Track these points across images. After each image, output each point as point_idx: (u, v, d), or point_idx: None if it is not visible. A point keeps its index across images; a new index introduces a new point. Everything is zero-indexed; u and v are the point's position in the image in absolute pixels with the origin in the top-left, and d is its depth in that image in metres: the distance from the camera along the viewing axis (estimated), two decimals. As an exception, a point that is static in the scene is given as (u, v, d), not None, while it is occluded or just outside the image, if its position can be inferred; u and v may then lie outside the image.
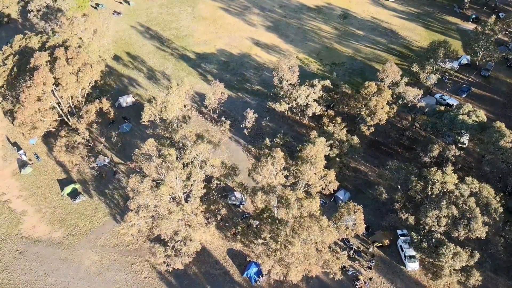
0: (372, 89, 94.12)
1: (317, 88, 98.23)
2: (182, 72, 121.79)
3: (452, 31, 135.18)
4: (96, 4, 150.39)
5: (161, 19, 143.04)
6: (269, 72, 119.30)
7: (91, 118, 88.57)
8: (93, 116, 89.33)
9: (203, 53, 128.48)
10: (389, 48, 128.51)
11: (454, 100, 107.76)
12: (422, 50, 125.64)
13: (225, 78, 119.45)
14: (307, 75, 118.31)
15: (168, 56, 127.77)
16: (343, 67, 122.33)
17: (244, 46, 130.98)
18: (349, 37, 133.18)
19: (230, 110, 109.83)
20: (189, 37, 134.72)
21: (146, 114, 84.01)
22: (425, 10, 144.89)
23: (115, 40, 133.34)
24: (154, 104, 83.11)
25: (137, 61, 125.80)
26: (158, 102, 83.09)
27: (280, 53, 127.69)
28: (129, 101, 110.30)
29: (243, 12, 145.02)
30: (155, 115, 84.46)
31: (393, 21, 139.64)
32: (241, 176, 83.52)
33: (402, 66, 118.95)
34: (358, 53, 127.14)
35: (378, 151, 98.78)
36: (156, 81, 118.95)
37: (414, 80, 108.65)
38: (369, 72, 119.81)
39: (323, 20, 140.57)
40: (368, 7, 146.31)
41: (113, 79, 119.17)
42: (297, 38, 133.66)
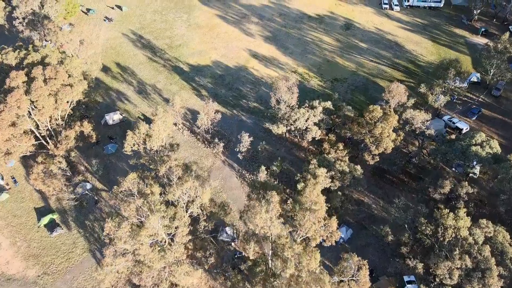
0: (377, 113, 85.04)
1: (318, 111, 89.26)
2: (174, 86, 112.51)
3: (460, 45, 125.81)
4: (87, 9, 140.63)
5: (155, 26, 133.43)
6: (267, 88, 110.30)
7: (70, 145, 79.30)
8: (72, 143, 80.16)
9: (198, 65, 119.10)
10: (394, 63, 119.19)
11: (463, 124, 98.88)
12: (429, 65, 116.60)
13: (220, 93, 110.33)
14: (307, 91, 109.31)
15: (160, 67, 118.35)
16: (345, 84, 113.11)
17: (241, 58, 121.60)
18: (351, 50, 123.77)
19: (225, 130, 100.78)
20: (183, 47, 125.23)
21: (129, 143, 74.88)
22: (431, 21, 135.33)
23: (105, 49, 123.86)
24: (138, 133, 73.74)
25: (127, 73, 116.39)
26: (142, 131, 73.72)
27: (278, 67, 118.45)
28: (115, 119, 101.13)
29: (241, 21, 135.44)
30: (138, 144, 75.19)
31: (398, 33, 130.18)
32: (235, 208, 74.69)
33: (408, 83, 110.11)
34: (361, 68, 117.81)
35: (383, 179, 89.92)
36: (146, 95, 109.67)
37: (422, 100, 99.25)
38: (373, 90, 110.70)
39: (325, 31, 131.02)
40: (372, 17, 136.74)
41: (101, 93, 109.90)
42: (297, 50, 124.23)
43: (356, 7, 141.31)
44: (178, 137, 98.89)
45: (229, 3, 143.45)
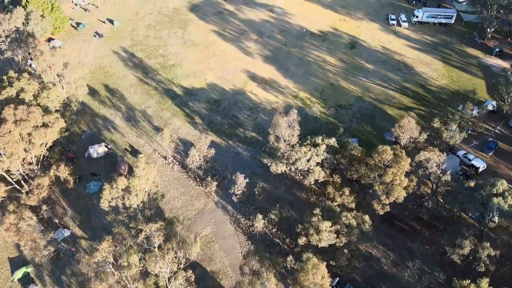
0: (387, 156, 74.70)
1: (321, 149, 78.87)
2: (165, 113, 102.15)
3: (473, 67, 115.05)
4: (77, 23, 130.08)
5: (147, 43, 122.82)
6: (265, 115, 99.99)
7: (43, 194, 69.15)
8: (45, 192, 69.94)
9: (192, 88, 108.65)
10: (403, 87, 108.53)
11: (480, 161, 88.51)
12: (441, 90, 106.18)
13: (215, 121, 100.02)
14: (309, 119, 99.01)
15: (151, 91, 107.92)
16: (350, 111, 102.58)
17: (238, 80, 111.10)
18: (357, 72, 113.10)
19: (219, 164, 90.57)
20: (177, 67, 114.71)
21: (105, 197, 64.58)
22: (442, 39, 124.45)
23: (93, 69, 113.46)
24: (116, 187, 63.47)
25: (116, 96, 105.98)
26: (120, 187, 63.43)
27: (278, 91, 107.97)
28: (100, 152, 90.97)
29: (239, 38, 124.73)
30: (116, 199, 64.94)
31: (406, 53, 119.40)
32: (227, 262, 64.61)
33: (418, 111, 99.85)
34: (368, 92, 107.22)
35: (393, 227, 79.73)
36: (135, 123, 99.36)
37: (435, 134, 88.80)
38: (381, 118, 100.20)
39: (328, 50, 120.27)
40: (379, 35, 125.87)
41: (86, 119, 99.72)
42: (299, 71, 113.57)
43: (361, 22, 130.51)
44: (167, 172, 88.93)
45: (227, 17, 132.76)
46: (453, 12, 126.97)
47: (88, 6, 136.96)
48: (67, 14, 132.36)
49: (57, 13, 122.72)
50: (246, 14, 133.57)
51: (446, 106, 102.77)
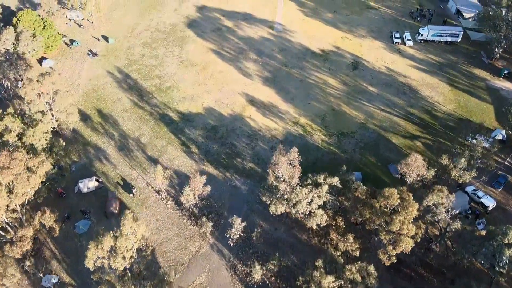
0: (394, 201, 68.77)
1: (323, 190, 72.84)
2: (160, 141, 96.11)
3: (480, 90, 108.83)
4: (71, 40, 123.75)
5: (143, 63, 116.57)
6: (264, 143, 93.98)
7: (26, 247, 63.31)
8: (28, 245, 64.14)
9: (188, 113, 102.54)
10: (408, 113, 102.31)
11: (489, 199, 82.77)
12: (448, 117, 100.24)
13: (212, 150, 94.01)
14: (310, 149, 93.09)
15: (146, 116, 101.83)
16: (353, 139, 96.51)
17: (237, 104, 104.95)
18: (360, 96, 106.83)
19: (215, 200, 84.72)
20: (173, 90, 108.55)
21: (90, 258, 58.66)
22: (448, 59, 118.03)
23: (86, 92, 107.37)
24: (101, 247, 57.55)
25: (109, 123, 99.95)
26: (105, 248, 57.51)
27: (278, 116, 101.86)
28: (91, 186, 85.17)
29: (238, 57, 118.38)
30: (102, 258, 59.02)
31: (411, 74, 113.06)
32: None
33: (424, 140, 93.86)
34: (371, 119, 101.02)
35: (398, 273, 73.95)
36: (128, 152, 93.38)
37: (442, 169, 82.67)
38: (385, 148, 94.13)
39: (330, 71, 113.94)
40: (382, 54, 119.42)
41: (77, 149, 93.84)
42: (299, 95, 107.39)
43: (364, 40, 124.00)
44: (161, 210, 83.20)
45: (225, 34, 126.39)
46: (459, 31, 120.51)
47: (82, 21, 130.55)
48: (61, 30, 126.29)
49: (49, 31, 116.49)
50: (245, 31, 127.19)
51: (454, 135, 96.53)
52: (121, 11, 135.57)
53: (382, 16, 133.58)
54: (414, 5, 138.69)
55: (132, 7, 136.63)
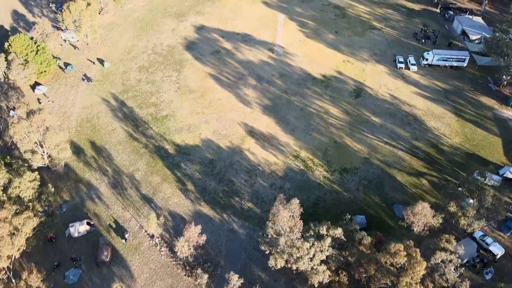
0: (400, 259, 63.32)
1: (326, 244, 67.36)
2: (155, 177, 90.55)
3: (488, 121, 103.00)
4: (65, 63, 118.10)
5: (139, 89, 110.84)
6: (264, 179, 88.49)
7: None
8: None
9: (185, 145, 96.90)
10: (413, 146, 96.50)
11: (498, 247, 77.56)
12: (454, 151, 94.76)
13: (209, 188, 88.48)
14: (311, 186, 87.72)
15: (141, 149, 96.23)
16: (356, 176, 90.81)
17: (235, 135, 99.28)
18: (363, 127, 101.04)
19: (211, 246, 79.31)
20: (170, 119, 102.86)
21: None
22: (454, 85, 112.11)
23: (80, 122, 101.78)
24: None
25: (103, 156, 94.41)
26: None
27: (278, 149, 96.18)
28: (81, 230, 79.90)
29: (237, 83, 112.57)
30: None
31: (416, 102, 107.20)
32: None
33: (430, 178, 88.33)
34: (375, 153, 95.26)
35: (404, 333, 67.90)
36: (122, 190, 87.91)
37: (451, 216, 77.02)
38: (390, 187, 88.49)
39: (331, 99, 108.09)
40: (386, 79, 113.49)
41: (69, 187, 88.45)
42: (300, 125, 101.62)
43: (367, 65, 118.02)
44: (154, 257, 77.95)
45: (224, 57, 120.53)
46: (465, 55, 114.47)
47: (77, 43, 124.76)
48: (55, 52, 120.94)
49: (42, 56, 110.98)
50: (244, 54, 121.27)
51: (461, 171, 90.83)
52: (117, 31, 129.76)
53: (385, 38, 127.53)
54: (418, 25, 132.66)
55: (128, 28, 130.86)
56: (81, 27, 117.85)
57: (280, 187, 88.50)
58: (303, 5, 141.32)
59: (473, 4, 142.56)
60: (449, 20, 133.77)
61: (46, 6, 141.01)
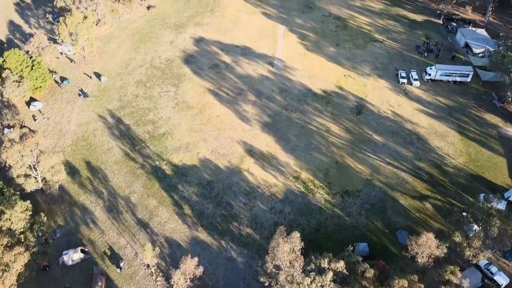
0: (405, 297, 59.56)
1: (327, 278, 63.99)
2: (151, 200, 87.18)
3: (492, 140, 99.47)
4: (61, 78, 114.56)
5: (137, 105, 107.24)
6: (263, 203, 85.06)
7: None
8: None
9: (183, 165, 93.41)
10: (416, 167, 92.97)
11: (503, 276, 74.77)
12: (458, 172, 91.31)
13: (206, 212, 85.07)
14: (312, 210, 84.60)
15: (138, 170, 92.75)
16: (358, 199, 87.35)
17: (234, 155, 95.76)
18: (364, 146, 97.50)
19: (209, 276, 76.04)
20: (167, 137, 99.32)
21: None
22: (457, 101, 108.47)
23: (75, 140, 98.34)
24: None
25: (98, 178, 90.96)
26: None
27: (278, 169, 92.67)
28: (75, 258, 76.72)
29: (236, 99, 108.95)
30: None
31: (419, 120, 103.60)
32: None
33: (434, 201, 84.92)
34: (377, 174, 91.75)
35: None
36: (117, 214, 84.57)
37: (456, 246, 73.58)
38: (392, 211, 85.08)
39: (332, 116, 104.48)
40: (388, 95, 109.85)
41: (63, 211, 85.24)
42: (300, 144, 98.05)
43: (368, 79, 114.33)
44: (150, 286, 74.08)
45: (223, 72, 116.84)
46: (469, 70, 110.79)
47: (74, 56, 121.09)
48: (52, 66, 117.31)
49: (38, 71, 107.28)
50: (243, 68, 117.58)
51: (465, 194, 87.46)
52: (115, 43, 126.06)
53: (387, 51, 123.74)
54: (421, 37, 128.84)
55: (126, 39, 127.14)
56: (77, 41, 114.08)
57: (280, 211, 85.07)
58: (304, 16, 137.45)
59: (476, 15, 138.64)
60: (452, 32, 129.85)
61: (42, 16, 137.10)
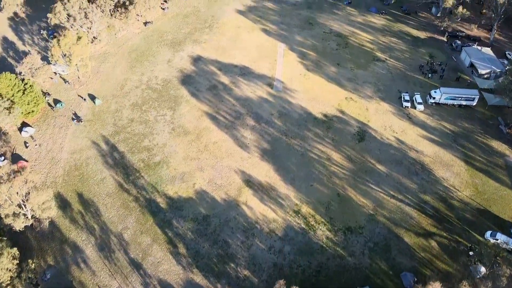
0: None
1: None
2: (145, 237, 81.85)
3: (499, 170, 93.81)
4: (55, 100, 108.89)
5: (132, 130, 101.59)
6: (262, 241, 79.76)
7: None
8: None
9: (178, 198, 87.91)
10: (421, 201, 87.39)
11: (518, 329, 67.94)
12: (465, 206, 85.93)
13: (202, 251, 79.78)
14: (313, 249, 79.79)
15: (131, 202, 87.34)
16: (361, 237, 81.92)
17: (232, 186, 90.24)
18: (367, 177, 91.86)
19: (204, 323, 70.22)
20: (162, 166, 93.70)
21: None
22: (463, 127, 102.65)
23: (68, 170, 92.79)
24: None
25: (90, 211, 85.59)
26: None
27: (277, 202, 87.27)
28: (65, 305, 70.71)
29: (235, 123, 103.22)
30: None
31: (423, 147, 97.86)
32: None
33: (439, 239, 79.76)
34: (381, 208, 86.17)
35: None
36: (109, 253, 79.17)
37: None
38: (397, 250, 79.67)
39: (333, 142, 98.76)
40: (391, 120, 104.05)
41: (53, 249, 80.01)
42: (300, 173, 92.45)
43: (371, 103, 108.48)
44: (143, 337, 68.66)
45: (221, 93, 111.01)
46: (475, 94, 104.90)
47: (68, 76, 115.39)
48: (45, 87, 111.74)
49: (30, 95, 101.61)
50: (242, 90, 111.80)
51: (472, 231, 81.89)
52: (111, 62, 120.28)
53: (389, 71, 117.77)
54: (424, 56, 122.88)
55: (122, 58, 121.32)
56: (71, 62, 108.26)
57: (280, 251, 79.67)
58: (304, 33, 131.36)
59: (481, 31, 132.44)
60: (456, 50, 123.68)
61: (37, 33, 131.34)
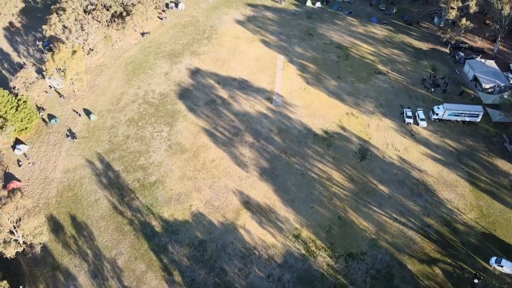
0: None
1: None
2: (139, 264, 78.00)
3: (504, 191, 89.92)
4: (49, 116, 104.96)
5: (127, 148, 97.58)
6: (260, 268, 75.87)
7: None
8: None
9: (174, 221, 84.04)
10: (424, 224, 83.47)
11: None
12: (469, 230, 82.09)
13: (198, 279, 75.94)
14: (314, 278, 75.90)
15: (125, 226, 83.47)
16: (363, 264, 77.97)
17: (229, 207, 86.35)
18: (369, 198, 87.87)
19: None
20: (158, 187, 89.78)
21: None
22: (466, 144, 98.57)
23: (61, 191, 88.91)
24: None
25: (83, 236, 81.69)
26: None
27: (276, 226, 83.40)
28: None
29: (233, 140, 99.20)
30: None
31: (427, 167, 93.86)
32: None
33: (443, 265, 75.88)
34: (383, 233, 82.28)
35: None
36: (102, 281, 75.38)
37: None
38: (399, 278, 75.80)
39: (334, 161, 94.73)
40: (393, 137, 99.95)
41: (45, 276, 76.56)
42: (300, 194, 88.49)
43: (372, 118, 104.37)
44: None
45: (219, 108, 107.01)
46: (479, 111, 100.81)
47: (63, 90, 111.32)
48: (40, 101, 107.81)
49: (23, 112, 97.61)
50: (241, 104, 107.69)
51: (476, 257, 77.98)
52: (107, 75, 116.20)
53: (391, 85, 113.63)
54: (426, 69, 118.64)
55: (118, 71, 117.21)
56: (66, 76, 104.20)
57: (279, 279, 75.82)
58: (304, 44, 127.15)
59: (484, 43, 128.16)
60: (459, 63, 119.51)
61: (32, 44, 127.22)
